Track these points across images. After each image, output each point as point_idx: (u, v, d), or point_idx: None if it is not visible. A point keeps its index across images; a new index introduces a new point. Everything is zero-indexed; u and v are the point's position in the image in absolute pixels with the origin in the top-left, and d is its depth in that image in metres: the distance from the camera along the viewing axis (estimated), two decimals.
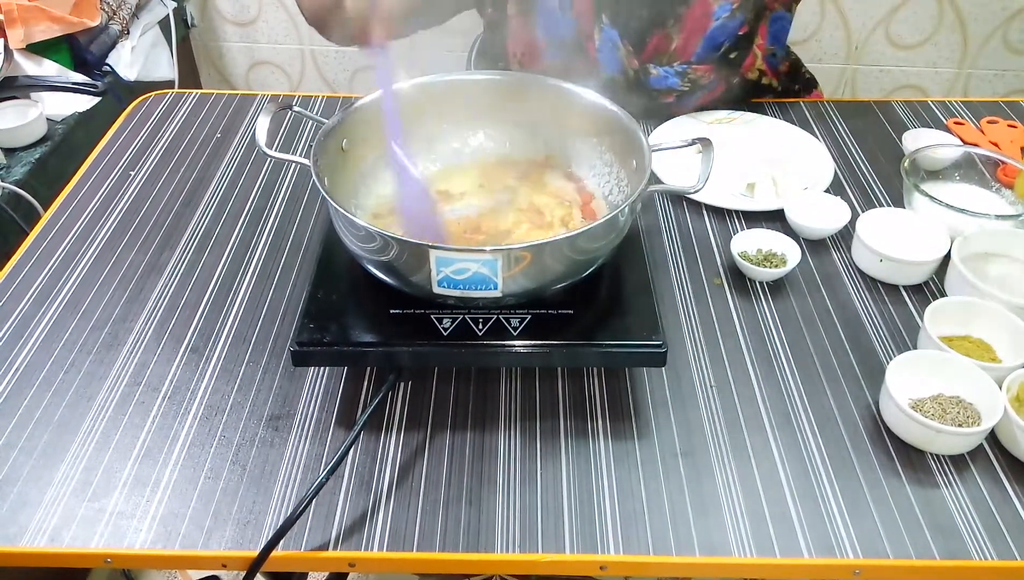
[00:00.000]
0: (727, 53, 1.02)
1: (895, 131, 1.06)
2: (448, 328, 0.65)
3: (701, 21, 1.00)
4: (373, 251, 0.64)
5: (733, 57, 1.03)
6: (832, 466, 0.65)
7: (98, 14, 1.49)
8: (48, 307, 0.79)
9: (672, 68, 1.02)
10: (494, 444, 0.67)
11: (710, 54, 1.02)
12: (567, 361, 0.69)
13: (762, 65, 1.08)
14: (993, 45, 1.85)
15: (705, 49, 1.01)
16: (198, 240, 0.87)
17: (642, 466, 0.65)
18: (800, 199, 0.89)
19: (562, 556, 0.59)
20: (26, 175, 1.22)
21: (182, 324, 0.77)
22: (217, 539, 0.60)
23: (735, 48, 1.02)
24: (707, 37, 1.00)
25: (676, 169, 0.96)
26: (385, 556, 0.59)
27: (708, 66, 1.02)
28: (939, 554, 0.59)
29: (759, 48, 1.06)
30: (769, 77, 1.09)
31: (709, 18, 0.99)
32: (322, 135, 0.71)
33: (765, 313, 0.79)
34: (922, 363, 0.69)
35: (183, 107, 1.10)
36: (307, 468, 0.65)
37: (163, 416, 0.69)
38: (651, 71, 1.03)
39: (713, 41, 1.01)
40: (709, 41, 1.01)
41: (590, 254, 0.66)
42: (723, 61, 1.03)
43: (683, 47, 1.02)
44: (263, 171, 0.98)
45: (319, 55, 2.02)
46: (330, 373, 0.72)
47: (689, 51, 1.02)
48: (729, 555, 0.59)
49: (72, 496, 0.63)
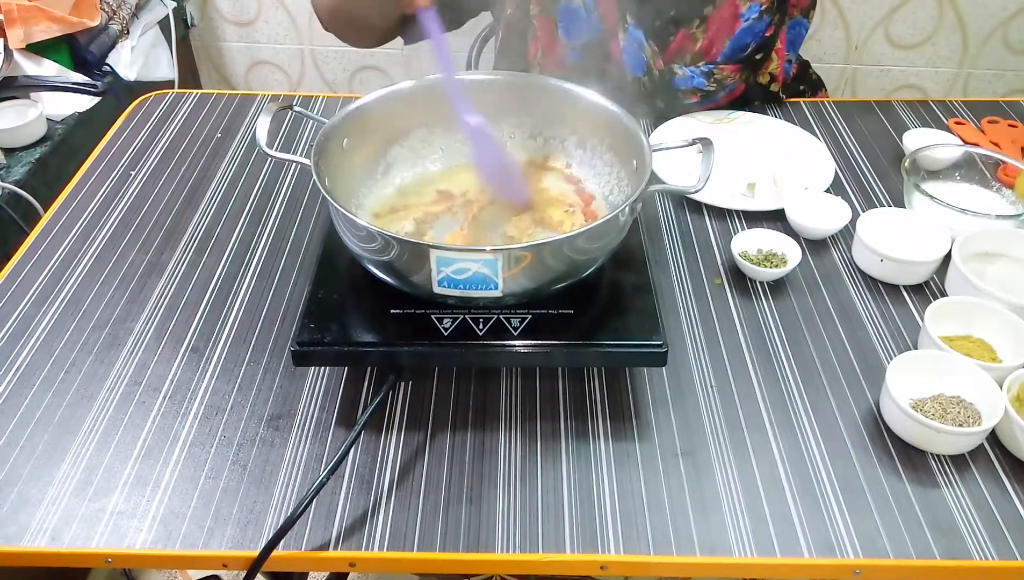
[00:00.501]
0: (753, 54, 1.03)
1: (895, 131, 1.06)
2: (448, 328, 0.65)
3: (728, 22, 1.00)
4: (374, 251, 0.64)
5: (759, 58, 1.04)
6: (833, 466, 0.65)
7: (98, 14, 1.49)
8: (48, 307, 0.79)
9: (698, 68, 1.03)
10: (494, 444, 0.67)
11: (737, 54, 1.02)
12: (567, 361, 0.69)
13: (775, 69, 1.08)
14: (993, 45, 1.85)
15: (732, 49, 1.02)
16: (198, 240, 0.87)
17: (642, 466, 0.65)
18: (800, 199, 0.89)
19: (562, 556, 0.59)
20: (26, 175, 1.22)
21: (183, 324, 0.77)
22: (218, 539, 0.60)
23: (760, 49, 1.03)
24: (735, 37, 1.01)
25: (677, 169, 0.96)
26: (385, 556, 0.59)
27: (734, 66, 1.03)
28: (940, 554, 0.59)
29: (777, 52, 1.06)
30: (777, 84, 1.09)
31: (736, 19, 1.00)
32: (322, 135, 0.71)
33: (766, 313, 0.79)
34: (923, 363, 0.69)
35: (183, 107, 1.10)
36: (307, 468, 0.65)
37: (164, 416, 0.69)
38: (676, 71, 1.03)
39: (741, 41, 1.01)
40: (737, 41, 1.01)
41: (590, 254, 0.66)
42: (748, 62, 1.04)
43: (707, 47, 1.02)
44: (263, 171, 0.98)
45: (319, 55, 2.02)
46: (330, 373, 0.72)
47: (713, 51, 1.02)
48: (729, 555, 0.59)
49: (73, 496, 0.63)
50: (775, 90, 1.09)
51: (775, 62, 1.07)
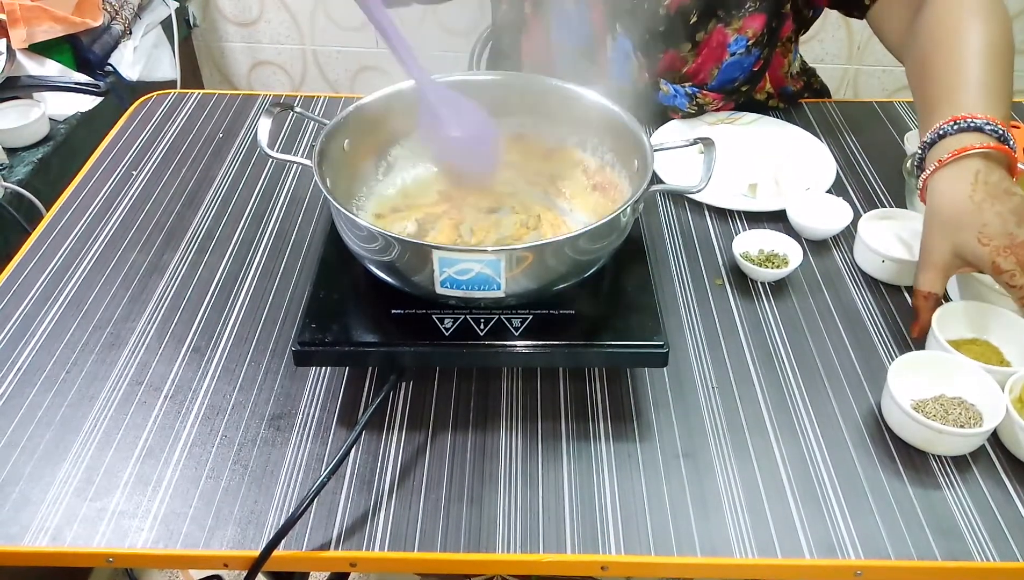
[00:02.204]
0: (740, 86, 1.03)
1: (897, 131, 1.05)
2: (450, 328, 0.65)
3: (716, 51, 1.00)
4: (375, 252, 0.64)
5: (744, 90, 1.04)
6: (834, 467, 0.65)
7: (100, 14, 1.50)
8: (50, 307, 0.79)
9: (683, 88, 1.02)
10: (495, 444, 0.67)
11: (724, 86, 1.03)
12: (569, 361, 0.69)
13: (771, 89, 1.08)
14: None
15: (720, 82, 1.02)
16: (200, 240, 0.88)
17: (643, 466, 0.65)
18: (802, 199, 0.89)
19: (563, 556, 0.59)
20: (28, 175, 1.22)
21: (184, 324, 0.77)
22: (219, 539, 0.60)
23: (748, 83, 1.03)
24: (722, 71, 1.01)
25: (678, 169, 0.96)
26: (386, 556, 0.59)
27: (718, 95, 1.03)
28: (941, 555, 0.59)
29: (770, 75, 1.06)
30: (776, 100, 1.09)
31: (724, 49, 0.99)
32: (324, 136, 0.71)
33: (767, 313, 0.79)
34: (924, 364, 0.69)
35: (185, 107, 1.11)
36: (308, 468, 0.65)
37: (165, 416, 0.69)
38: (661, 87, 1.03)
39: (729, 76, 1.01)
40: (724, 75, 1.01)
41: (592, 254, 0.66)
42: (735, 92, 1.04)
43: (696, 71, 1.02)
44: (265, 171, 0.98)
45: (321, 55, 2.03)
46: (332, 373, 0.73)
47: (702, 76, 1.02)
48: (730, 555, 0.59)
49: (74, 495, 0.63)
50: (773, 105, 1.09)
51: (768, 82, 1.07)
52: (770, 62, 1.04)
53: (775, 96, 1.09)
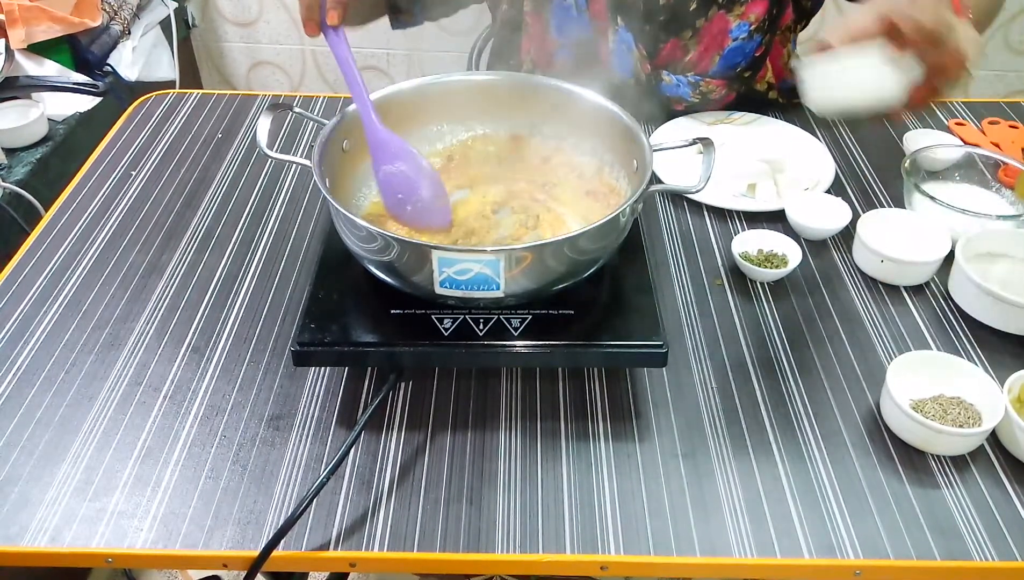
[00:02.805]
0: (742, 72, 1.04)
1: (896, 131, 1.06)
2: (449, 328, 0.65)
3: (718, 38, 1.00)
4: (374, 251, 0.64)
5: (747, 76, 1.04)
6: (833, 467, 0.65)
7: (99, 14, 1.49)
8: (49, 307, 0.79)
9: (685, 78, 1.03)
10: (495, 444, 0.67)
11: (726, 72, 1.03)
12: (568, 361, 0.69)
13: (771, 78, 1.08)
14: (994, 46, 1.85)
15: (722, 67, 1.02)
16: (199, 240, 0.88)
17: (643, 466, 0.65)
18: (801, 199, 0.89)
19: (562, 556, 0.59)
20: (27, 175, 1.22)
21: (183, 324, 0.77)
22: (218, 539, 0.60)
23: (749, 68, 1.04)
24: (724, 56, 1.01)
25: (677, 169, 0.96)
26: (386, 556, 0.59)
27: (721, 81, 1.03)
28: (940, 555, 0.59)
29: (771, 62, 1.07)
30: (776, 93, 1.09)
31: (726, 35, 1.00)
32: (323, 136, 0.71)
33: (766, 313, 0.79)
34: (923, 364, 0.69)
35: (184, 107, 1.11)
36: (308, 468, 0.65)
37: (164, 416, 0.69)
38: (664, 77, 1.03)
39: (731, 61, 1.02)
40: (726, 60, 1.02)
41: (591, 254, 0.66)
42: (737, 79, 1.04)
43: (698, 59, 1.02)
44: (264, 171, 0.98)
45: (320, 56, 2.03)
46: (331, 373, 0.73)
47: (704, 64, 1.02)
48: (730, 555, 0.59)
49: (73, 496, 0.63)
50: (773, 97, 1.10)
51: (769, 71, 1.07)
52: (771, 48, 1.04)
53: (775, 87, 1.09)
